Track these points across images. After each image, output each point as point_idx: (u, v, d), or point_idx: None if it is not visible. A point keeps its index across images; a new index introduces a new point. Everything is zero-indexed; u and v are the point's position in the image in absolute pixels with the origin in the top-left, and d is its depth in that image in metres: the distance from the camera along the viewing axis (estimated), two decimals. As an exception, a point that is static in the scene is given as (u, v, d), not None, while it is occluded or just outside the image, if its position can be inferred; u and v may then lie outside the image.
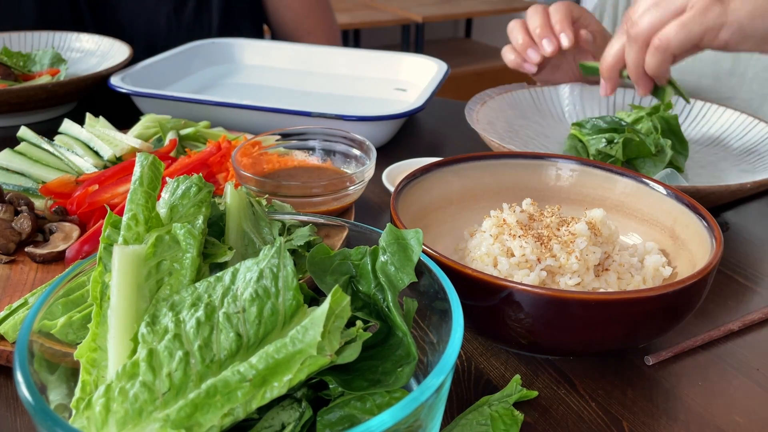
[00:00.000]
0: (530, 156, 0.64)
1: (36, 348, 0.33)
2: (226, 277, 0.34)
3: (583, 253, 0.50)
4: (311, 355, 0.30)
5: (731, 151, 0.83)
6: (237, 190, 0.42)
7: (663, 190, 0.57)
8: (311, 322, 0.30)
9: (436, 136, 1.00)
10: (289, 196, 0.64)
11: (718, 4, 0.66)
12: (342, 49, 1.20)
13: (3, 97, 0.88)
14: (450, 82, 1.28)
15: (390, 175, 0.75)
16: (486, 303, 0.44)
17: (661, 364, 0.50)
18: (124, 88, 0.91)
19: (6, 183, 0.69)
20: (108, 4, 1.25)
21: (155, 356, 0.30)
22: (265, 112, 0.86)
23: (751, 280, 0.62)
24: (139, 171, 0.39)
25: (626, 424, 0.44)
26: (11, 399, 0.46)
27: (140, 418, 0.29)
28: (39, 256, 0.58)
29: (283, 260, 0.33)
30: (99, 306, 0.35)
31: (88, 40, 1.15)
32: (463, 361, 0.50)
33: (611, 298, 0.41)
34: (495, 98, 0.92)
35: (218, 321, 0.31)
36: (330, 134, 0.74)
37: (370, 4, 3.41)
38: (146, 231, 0.37)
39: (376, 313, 0.38)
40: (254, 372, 0.29)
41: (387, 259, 0.38)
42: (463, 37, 4.12)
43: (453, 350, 0.32)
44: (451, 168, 0.61)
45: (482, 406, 0.43)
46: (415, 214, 0.57)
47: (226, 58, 1.21)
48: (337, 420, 0.33)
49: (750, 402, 0.47)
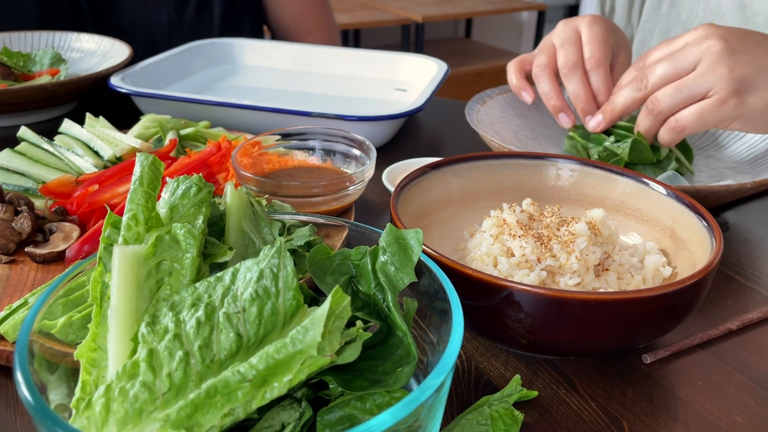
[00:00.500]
0: (530, 156, 0.64)
1: (36, 348, 0.33)
2: (227, 277, 0.34)
3: (583, 253, 0.50)
4: (311, 356, 0.30)
5: (731, 151, 0.83)
6: (237, 190, 0.42)
7: (663, 191, 0.57)
8: (311, 323, 0.30)
9: (436, 136, 1.00)
10: (289, 196, 0.64)
11: (735, 97, 0.66)
12: (342, 49, 1.20)
13: (3, 97, 0.88)
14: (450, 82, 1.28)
15: (390, 175, 0.75)
16: (486, 303, 0.44)
17: (661, 363, 0.50)
18: (124, 88, 0.91)
19: (6, 183, 0.69)
20: (109, 3, 1.25)
21: (155, 356, 0.30)
22: (265, 112, 0.86)
23: (750, 280, 0.62)
24: (139, 171, 0.39)
25: (626, 424, 0.44)
26: (11, 399, 0.46)
27: (140, 418, 0.29)
28: (39, 256, 0.58)
29: (284, 260, 0.33)
30: (99, 306, 0.35)
31: (88, 40, 1.15)
32: (463, 361, 0.50)
33: (611, 298, 0.41)
34: (495, 98, 0.92)
35: (218, 321, 0.31)
36: (330, 134, 0.74)
37: (370, 4, 3.41)
38: (146, 231, 0.37)
39: (376, 313, 0.38)
40: (254, 372, 0.29)
41: (387, 259, 0.38)
42: (463, 37, 4.12)
43: (453, 350, 0.32)
44: (451, 168, 0.61)
45: (482, 406, 0.43)
46: (415, 214, 0.57)
47: (226, 58, 1.21)
48: (337, 420, 0.33)
49: (750, 402, 0.47)
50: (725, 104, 0.66)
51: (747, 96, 0.66)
